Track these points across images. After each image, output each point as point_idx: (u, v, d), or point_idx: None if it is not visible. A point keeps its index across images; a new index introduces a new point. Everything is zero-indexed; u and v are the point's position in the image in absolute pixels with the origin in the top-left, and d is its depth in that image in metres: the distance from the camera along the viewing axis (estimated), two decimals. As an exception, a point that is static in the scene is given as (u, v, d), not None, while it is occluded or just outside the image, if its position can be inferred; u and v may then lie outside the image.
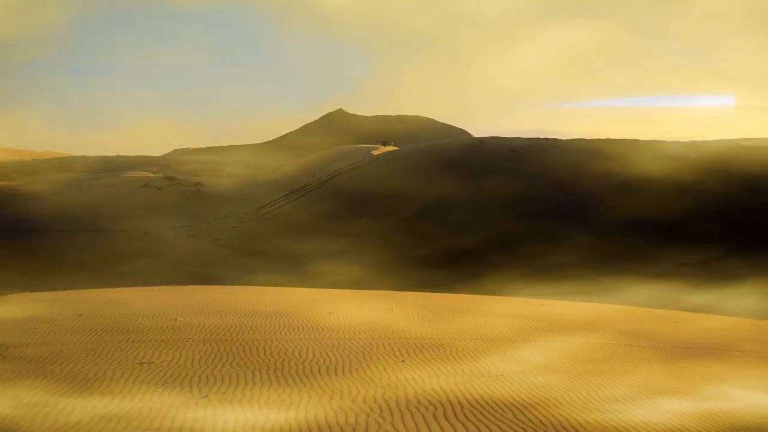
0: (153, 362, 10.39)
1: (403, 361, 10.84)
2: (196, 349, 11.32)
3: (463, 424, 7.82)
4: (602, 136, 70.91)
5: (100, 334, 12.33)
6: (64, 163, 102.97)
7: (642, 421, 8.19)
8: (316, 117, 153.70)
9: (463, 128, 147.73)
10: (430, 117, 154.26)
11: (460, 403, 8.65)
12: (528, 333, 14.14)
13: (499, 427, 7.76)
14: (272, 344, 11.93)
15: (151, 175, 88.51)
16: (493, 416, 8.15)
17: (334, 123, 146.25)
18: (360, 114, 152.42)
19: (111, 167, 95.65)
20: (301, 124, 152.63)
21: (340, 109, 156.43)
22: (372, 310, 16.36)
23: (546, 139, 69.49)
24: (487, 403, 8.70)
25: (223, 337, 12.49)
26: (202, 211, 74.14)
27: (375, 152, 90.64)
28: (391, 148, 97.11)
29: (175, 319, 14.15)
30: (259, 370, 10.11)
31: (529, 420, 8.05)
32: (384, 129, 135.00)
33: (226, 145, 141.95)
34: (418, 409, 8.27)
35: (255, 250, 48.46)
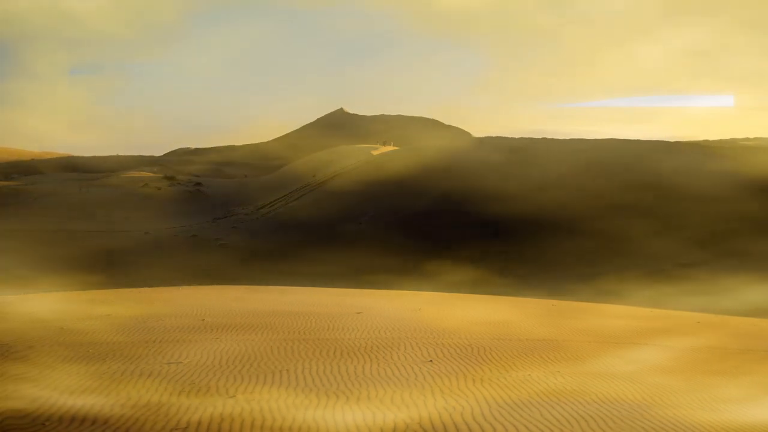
0: (180, 362, 10.23)
1: (431, 361, 10.70)
2: (224, 349, 11.25)
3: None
4: (604, 136, 70.53)
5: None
6: (64, 163, 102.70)
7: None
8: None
9: (463, 128, 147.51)
10: (430, 117, 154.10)
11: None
12: (644, 334, 14.08)
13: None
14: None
15: (151, 175, 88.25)
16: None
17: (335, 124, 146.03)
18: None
19: (111, 167, 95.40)
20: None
21: (341, 109, 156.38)
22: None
23: None
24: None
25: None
26: (202, 211, 73.97)
27: (375, 152, 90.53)
28: (391, 147, 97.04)
29: (203, 319, 13.97)
30: (287, 369, 9.96)
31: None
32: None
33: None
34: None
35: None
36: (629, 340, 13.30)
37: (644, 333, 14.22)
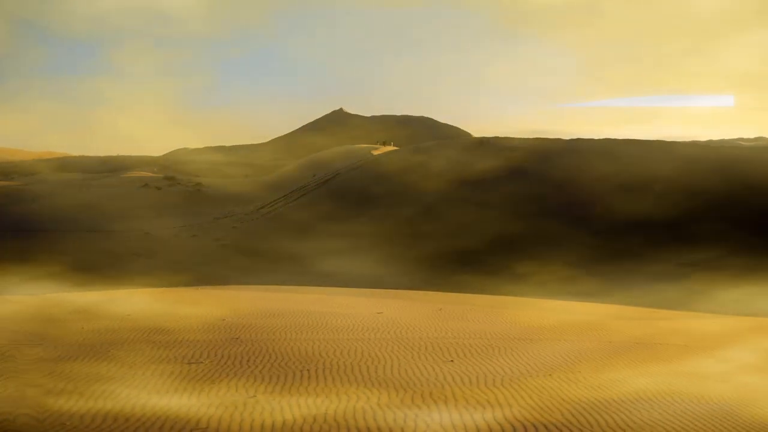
0: (201, 362, 10.21)
1: (452, 360, 10.70)
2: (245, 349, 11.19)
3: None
4: (604, 136, 69.99)
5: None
6: (64, 163, 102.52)
7: None
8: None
9: (462, 128, 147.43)
10: (430, 117, 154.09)
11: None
12: (736, 334, 13.97)
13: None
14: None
15: (151, 175, 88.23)
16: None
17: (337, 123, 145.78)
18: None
19: (111, 167, 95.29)
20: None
21: (341, 109, 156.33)
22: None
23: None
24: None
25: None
26: (202, 211, 73.83)
27: (375, 152, 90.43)
28: (391, 147, 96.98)
29: (224, 319, 13.98)
30: (308, 369, 9.95)
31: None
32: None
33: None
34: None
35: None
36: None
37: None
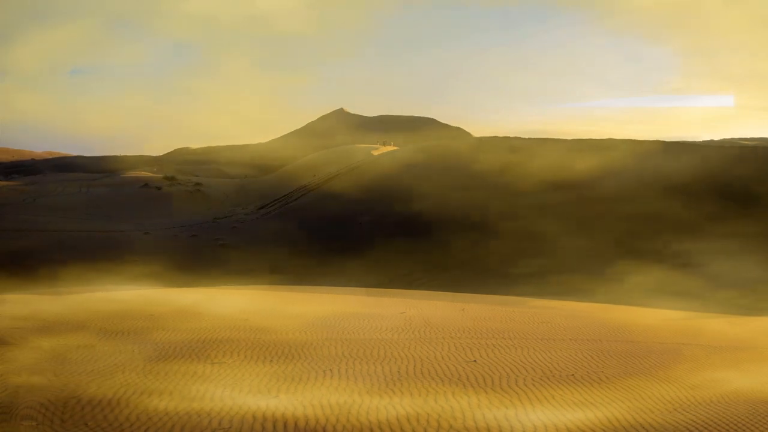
0: (223, 362, 10.14)
1: (475, 361, 10.66)
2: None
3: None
4: (606, 136, 70.28)
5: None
6: (64, 163, 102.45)
7: None
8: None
9: (464, 128, 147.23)
10: (430, 117, 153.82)
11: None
12: None
13: None
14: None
15: (151, 175, 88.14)
16: None
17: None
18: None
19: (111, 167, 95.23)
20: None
21: (341, 109, 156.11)
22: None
23: None
24: None
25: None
26: (202, 211, 73.71)
27: (375, 152, 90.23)
28: (391, 147, 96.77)
29: (246, 319, 13.92)
30: (330, 369, 9.92)
31: None
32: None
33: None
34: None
35: None
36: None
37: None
